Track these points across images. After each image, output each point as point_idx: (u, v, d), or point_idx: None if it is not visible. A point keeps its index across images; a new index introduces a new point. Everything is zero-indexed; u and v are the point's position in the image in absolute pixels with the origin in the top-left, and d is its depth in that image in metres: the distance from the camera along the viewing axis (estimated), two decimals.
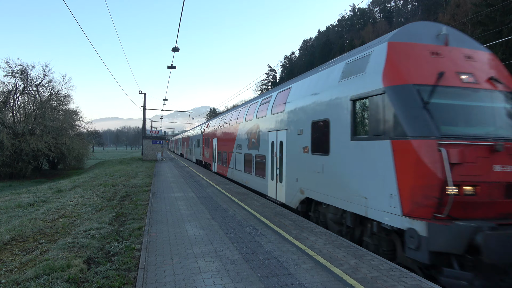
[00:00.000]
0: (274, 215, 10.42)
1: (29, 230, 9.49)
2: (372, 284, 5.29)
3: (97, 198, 14.99)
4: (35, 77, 45.05)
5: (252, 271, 5.81)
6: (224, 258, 6.45)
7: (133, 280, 5.65)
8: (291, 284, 5.25)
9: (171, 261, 6.26)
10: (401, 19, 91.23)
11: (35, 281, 5.64)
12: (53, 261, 6.59)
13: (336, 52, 72.23)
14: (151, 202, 12.66)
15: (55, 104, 47.05)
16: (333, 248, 7.16)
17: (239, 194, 14.94)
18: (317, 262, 6.26)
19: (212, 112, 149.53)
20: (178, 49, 20.98)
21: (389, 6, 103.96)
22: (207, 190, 16.33)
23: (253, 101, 18.66)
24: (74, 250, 7.41)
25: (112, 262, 6.59)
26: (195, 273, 5.70)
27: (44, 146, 39.62)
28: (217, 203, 12.52)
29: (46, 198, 16.19)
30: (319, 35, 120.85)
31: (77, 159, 49.97)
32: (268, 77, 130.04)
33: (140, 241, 7.87)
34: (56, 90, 47.71)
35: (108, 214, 11.08)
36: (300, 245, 7.36)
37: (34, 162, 41.45)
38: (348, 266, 6.08)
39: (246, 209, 11.44)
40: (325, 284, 5.26)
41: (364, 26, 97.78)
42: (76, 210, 12.33)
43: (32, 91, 44.94)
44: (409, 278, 5.51)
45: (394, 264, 6.22)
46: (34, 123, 42.11)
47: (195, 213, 10.71)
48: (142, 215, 10.84)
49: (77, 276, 5.84)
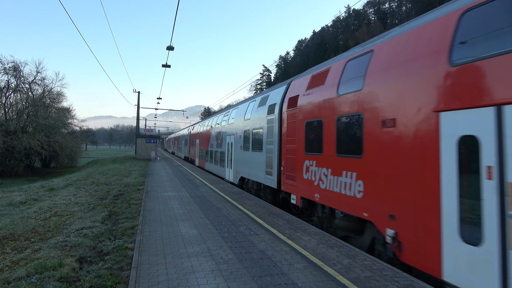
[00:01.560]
0: (268, 215, 10.43)
1: (20, 229, 9.40)
2: (365, 284, 5.32)
3: (90, 196, 14.90)
4: (28, 74, 44.77)
5: (246, 270, 5.81)
6: (217, 258, 6.44)
7: (125, 280, 5.62)
8: (285, 284, 5.26)
9: (164, 261, 6.24)
10: (395, 21, 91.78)
11: (26, 280, 5.59)
12: (45, 260, 6.54)
13: (330, 53, 72.50)
14: (144, 201, 12.60)
15: (48, 101, 46.67)
16: (327, 248, 7.19)
17: (233, 193, 14.93)
18: (310, 262, 6.27)
19: (206, 111, 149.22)
20: (173, 47, 20.91)
21: (383, 8, 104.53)
22: (201, 189, 16.30)
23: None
24: (66, 249, 7.35)
25: (105, 261, 6.55)
26: (188, 272, 5.68)
27: (37, 144, 39.27)
28: (211, 203, 12.50)
29: (38, 197, 16.05)
30: (314, 36, 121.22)
31: (70, 157, 49.56)
32: (263, 77, 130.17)
33: (133, 240, 7.83)
34: (49, 87, 47.43)
35: (101, 213, 11.01)
36: (294, 244, 7.37)
37: (26, 160, 41.09)
38: (341, 266, 6.11)
39: (240, 208, 11.44)
40: (318, 284, 5.28)
41: (359, 27, 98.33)
42: (68, 208, 12.24)
43: (25, 89, 44.58)
44: (402, 278, 5.55)
45: (386, 264, 6.26)
46: (26, 121, 41.70)
47: (189, 212, 10.68)
48: (135, 214, 10.79)
49: (69, 275, 5.79)
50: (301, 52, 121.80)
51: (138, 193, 15.37)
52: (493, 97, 4.60)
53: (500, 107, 4.49)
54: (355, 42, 63.63)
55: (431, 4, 71.05)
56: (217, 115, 26.70)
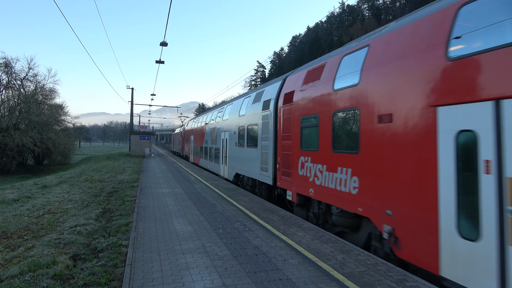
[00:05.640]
0: (262, 211, 10.44)
1: (13, 227, 9.32)
2: (359, 278, 5.35)
3: (84, 194, 14.81)
4: (20, 70, 44.24)
5: (240, 266, 5.82)
6: (212, 254, 6.44)
7: (120, 277, 5.60)
8: (279, 279, 5.28)
9: (158, 257, 6.23)
10: (389, 17, 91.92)
11: (19, 278, 5.55)
12: (38, 257, 6.49)
13: (325, 49, 72.47)
14: (138, 198, 12.56)
15: (41, 98, 46.21)
16: (321, 243, 7.22)
17: (227, 190, 14.92)
18: (305, 257, 6.30)
19: (201, 107, 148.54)
20: (167, 43, 20.79)
21: (377, 3, 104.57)
22: (195, 185, 16.27)
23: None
24: (60, 246, 7.31)
25: (99, 258, 6.52)
26: (183, 269, 5.68)
27: (29, 141, 38.92)
28: (206, 199, 12.49)
29: (31, 194, 15.92)
30: (308, 32, 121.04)
31: (63, 154, 49.14)
32: (257, 73, 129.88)
33: (127, 237, 7.80)
34: (41, 84, 46.94)
35: (94, 210, 10.96)
36: (288, 240, 7.39)
37: (18, 157, 40.73)
38: (335, 261, 6.14)
39: (234, 205, 11.44)
40: (312, 279, 5.30)
41: (353, 23, 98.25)
42: (62, 206, 12.16)
43: (17, 85, 44.11)
44: (395, 273, 5.59)
45: (380, 259, 6.30)
46: (18, 118, 41.28)
47: (183, 209, 10.67)
48: (130, 211, 10.75)
49: (63, 272, 5.76)
50: (296, 48, 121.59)
51: (132, 190, 15.31)
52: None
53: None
54: (349, 38, 63.71)
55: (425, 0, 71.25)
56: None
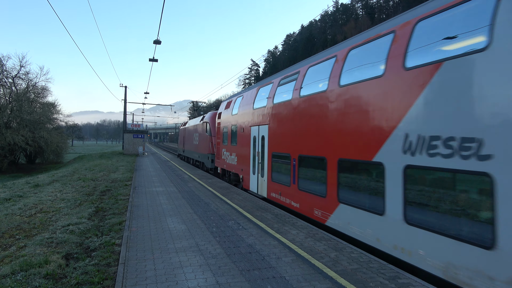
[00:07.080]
0: (256, 209, 10.46)
1: (5, 226, 9.25)
2: (352, 276, 5.39)
3: (76, 192, 14.71)
4: (11, 68, 43.73)
5: (234, 264, 5.83)
6: (205, 252, 6.44)
7: (113, 276, 5.58)
8: (273, 277, 5.29)
9: (152, 256, 6.22)
10: (382, 15, 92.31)
11: (11, 278, 5.51)
12: (30, 257, 6.45)
13: (319, 47, 72.58)
14: (132, 197, 12.50)
15: (33, 96, 45.69)
16: (314, 241, 7.25)
17: (221, 188, 14.92)
18: (298, 255, 6.33)
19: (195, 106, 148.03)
20: (160, 41, 20.66)
21: (371, 2, 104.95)
22: (189, 184, 16.24)
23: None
24: (52, 245, 7.27)
25: (92, 257, 6.49)
26: (177, 267, 5.67)
27: (21, 140, 38.50)
28: (199, 198, 12.47)
29: (23, 193, 15.78)
30: (302, 30, 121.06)
31: (55, 153, 48.65)
32: (251, 71, 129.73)
33: (120, 236, 7.78)
34: (33, 82, 46.37)
35: (87, 209, 10.89)
36: (282, 238, 7.42)
37: (10, 156, 40.24)
38: (328, 258, 6.18)
39: (228, 203, 11.44)
40: (306, 277, 5.33)
41: (347, 21, 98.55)
42: (54, 205, 12.07)
43: (8, 83, 43.59)
44: (388, 270, 5.64)
45: (373, 256, 6.36)
46: (10, 116, 40.83)
47: (177, 208, 10.65)
48: (123, 209, 10.71)
49: (55, 272, 5.73)
50: (290, 47, 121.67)
51: (126, 188, 15.24)
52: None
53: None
54: (343, 36, 63.88)
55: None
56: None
